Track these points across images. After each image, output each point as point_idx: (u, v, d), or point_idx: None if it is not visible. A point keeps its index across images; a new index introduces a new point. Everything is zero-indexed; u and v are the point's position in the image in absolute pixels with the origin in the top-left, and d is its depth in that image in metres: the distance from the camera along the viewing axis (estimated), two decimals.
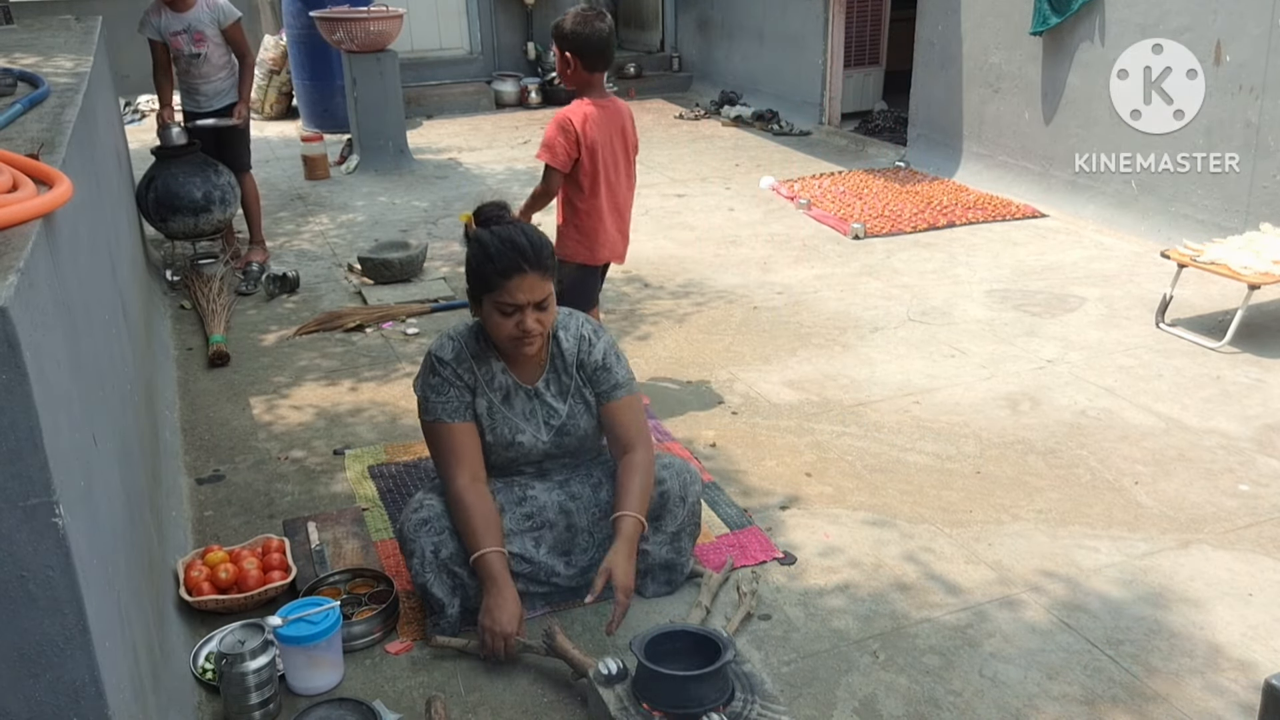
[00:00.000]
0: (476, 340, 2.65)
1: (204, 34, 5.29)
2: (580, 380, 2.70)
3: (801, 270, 5.45)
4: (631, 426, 2.70)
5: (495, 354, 2.65)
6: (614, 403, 2.71)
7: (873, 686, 2.48)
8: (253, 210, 5.76)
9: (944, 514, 3.20)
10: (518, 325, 2.50)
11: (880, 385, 4.09)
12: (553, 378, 2.69)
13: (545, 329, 2.55)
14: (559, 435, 2.71)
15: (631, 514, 2.59)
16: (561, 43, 3.52)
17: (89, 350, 2.10)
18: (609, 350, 2.73)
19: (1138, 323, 4.64)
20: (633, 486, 2.62)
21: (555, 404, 2.69)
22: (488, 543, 2.52)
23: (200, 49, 5.32)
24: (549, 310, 2.54)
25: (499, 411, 2.66)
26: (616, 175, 3.73)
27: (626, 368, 2.77)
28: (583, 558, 2.71)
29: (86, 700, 1.53)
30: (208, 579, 2.75)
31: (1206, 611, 2.73)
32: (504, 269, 2.46)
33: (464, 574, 2.60)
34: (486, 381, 2.64)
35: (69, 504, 1.49)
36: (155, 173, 5.25)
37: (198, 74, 5.39)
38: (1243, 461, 3.47)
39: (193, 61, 5.35)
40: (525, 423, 2.67)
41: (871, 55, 9.04)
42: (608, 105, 3.65)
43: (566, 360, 2.69)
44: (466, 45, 10.66)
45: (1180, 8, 5.46)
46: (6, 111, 2.57)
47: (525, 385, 2.67)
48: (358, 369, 4.36)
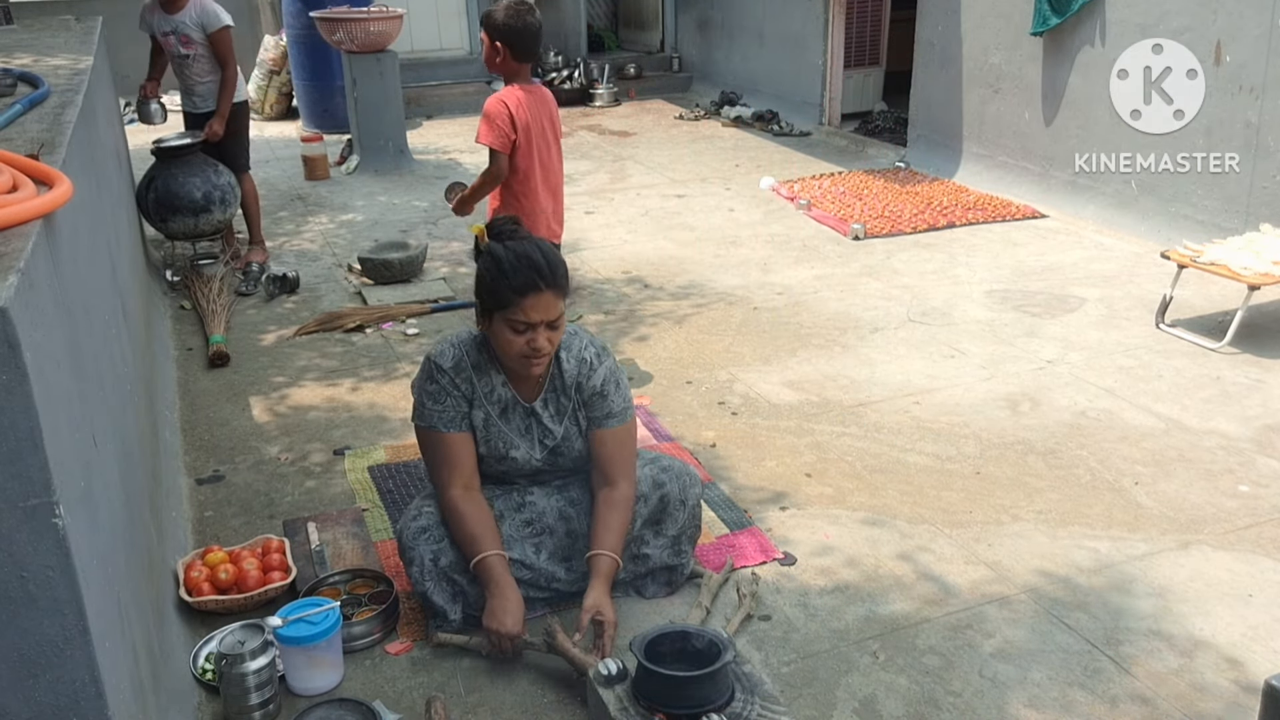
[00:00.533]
0: (479, 350, 2.60)
1: (190, 37, 5.29)
2: (577, 402, 2.65)
3: (801, 271, 5.45)
4: (617, 458, 2.63)
5: (497, 367, 2.60)
6: (604, 430, 2.63)
7: (873, 687, 2.48)
8: (252, 210, 5.75)
9: (944, 514, 3.20)
10: (528, 343, 2.44)
11: (880, 386, 4.09)
12: (551, 398, 2.63)
13: (554, 348, 2.50)
14: (552, 455, 2.67)
15: (608, 554, 2.54)
16: (493, 32, 3.68)
17: (89, 350, 2.10)
18: (609, 377, 2.65)
19: (1138, 323, 4.64)
20: (611, 524, 2.56)
21: (551, 425, 2.64)
22: (486, 546, 2.50)
23: (188, 51, 5.33)
24: (559, 329, 2.49)
25: (495, 425, 2.62)
26: (549, 157, 3.87)
27: (625, 396, 2.69)
28: (583, 564, 2.69)
29: (86, 700, 1.53)
30: (208, 579, 2.75)
31: (1206, 612, 2.73)
32: (519, 286, 2.40)
33: (464, 581, 2.59)
34: (486, 394, 2.59)
35: (69, 504, 1.49)
36: (155, 173, 5.26)
37: (189, 74, 5.42)
38: (1242, 462, 3.47)
39: (182, 62, 5.39)
40: (520, 439, 2.64)
41: (871, 56, 9.04)
42: (535, 91, 3.83)
43: (566, 382, 2.63)
44: (466, 45, 10.65)
45: (1180, 8, 5.46)
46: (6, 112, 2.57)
47: (524, 402, 2.62)
48: (358, 369, 4.36)
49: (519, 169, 3.77)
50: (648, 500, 2.70)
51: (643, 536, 2.73)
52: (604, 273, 5.48)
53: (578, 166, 7.84)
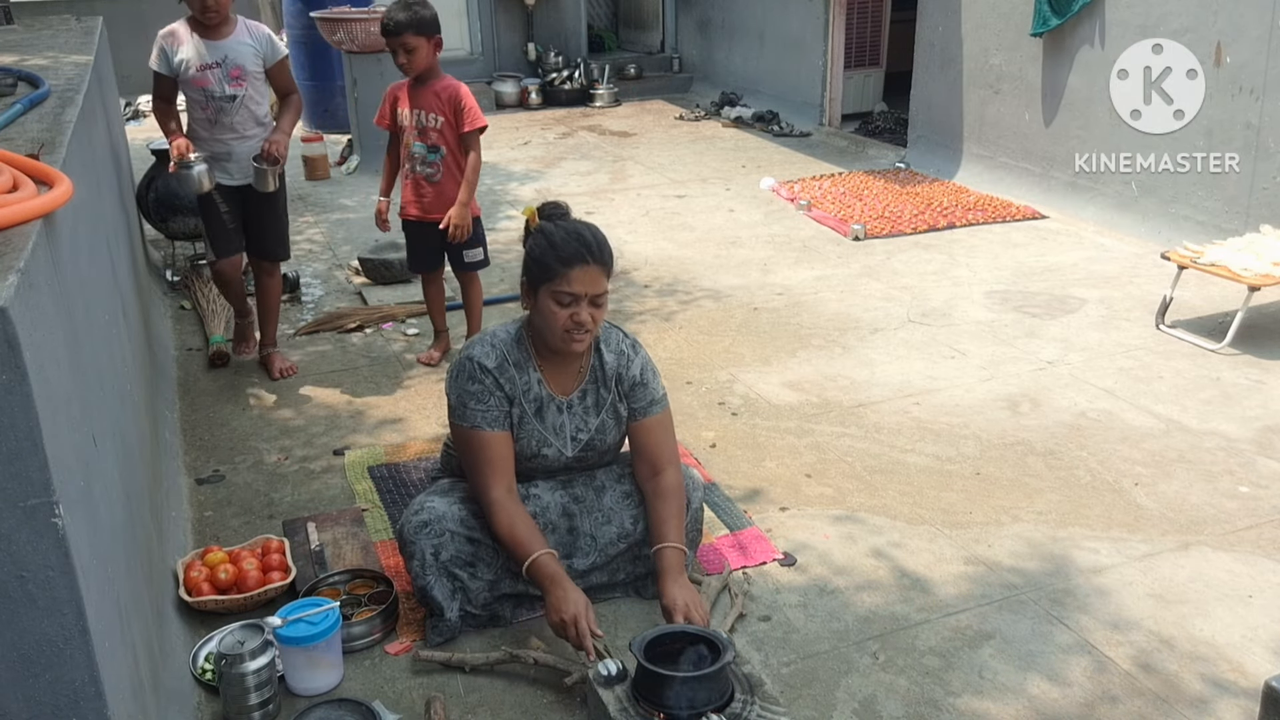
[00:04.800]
0: (518, 347, 2.63)
1: (243, 69, 3.94)
2: (617, 395, 2.68)
3: (801, 271, 5.45)
4: (664, 446, 2.69)
5: (534, 364, 2.62)
6: (648, 419, 2.69)
7: (872, 688, 2.48)
8: (273, 307, 4.35)
9: (944, 515, 3.20)
10: (572, 317, 2.48)
11: (880, 386, 4.09)
12: (590, 389, 2.67)
13: (597, 327, 2.54)
14: (584, 450, 2.69)
15: (673, 545, 2.57)
16: (434, 28, 3.97)
17: (89, 350, 2.10)
18: (647, 365, 2.71)
19: (1138, 324, 4.64)
20: (669, 515, 2.61)
21: (588, 417, 2.67)
22: (537, 546, 2.49)
23: (237, 90, 3.94)
24: (602, 308, 2.53)
25: (530, 423, 2.63)
26: None
27: (661, 384, 2.75)
28: (584, 561, 2.71)
29: (86, 700, 1.53)
30: (207, 579, 2.75)
31: (1206, 613, 2.73)
32: (567, 257, 2.47)
33: (464, 576, 2.60)
34: (524, 391, 2.61)
35: (68, 504, 1.49)
36: (155, 173, 5.26)
37: (227, 125, 3.97)
38: (1243, 463, 3.47)
39: (223, 108, 3.94)
40: (554, 437, 2.66)
41: (872, 57, 9.03)
42: None
43: (606, 374, 2.67)
44: (467, 46, 10.65)
45: (1180, 9, 5.46)
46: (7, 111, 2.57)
47: (558, 398, 2.65)
48: (358, 369, 4.36)
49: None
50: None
51: (645, 538, 2.73)
52: None
53: (578, 166, 7.84)
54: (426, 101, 4.03)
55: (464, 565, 2.59)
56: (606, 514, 2.72)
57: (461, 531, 2.58)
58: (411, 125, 4.08)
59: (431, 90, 4.03)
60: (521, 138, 8.89)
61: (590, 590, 2.66)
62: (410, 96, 4.06)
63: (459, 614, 2.62)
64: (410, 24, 3.89)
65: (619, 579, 2.78)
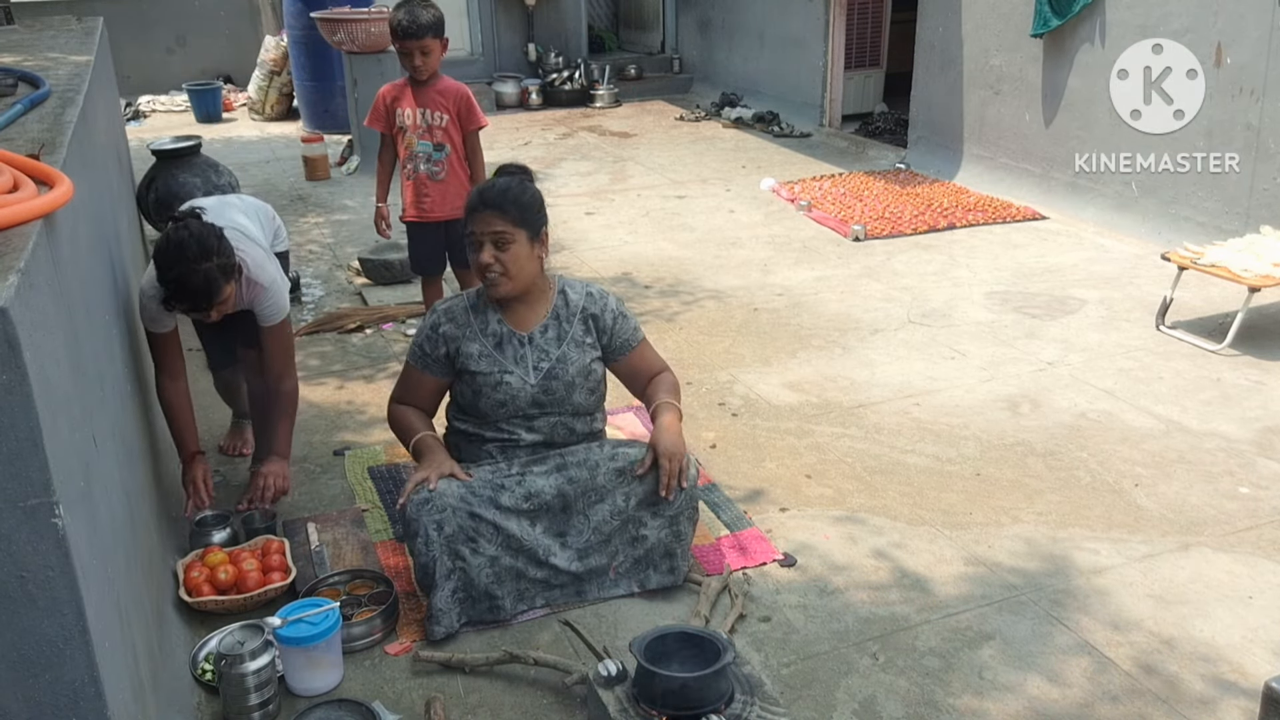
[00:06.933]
0: (479, 295, 2.88)
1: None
2: (583, 330, 2.86)
3: (802, 272, 5.45)
4: (655, 361, 2.98)
5: (494, 308, 2.85)
6: (638, 347, 2.94)
7: (872, 688, 2.48)
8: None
9: (944, 516, 3.20)
10: (481, 259, 2.72)
11: (880, 387, 4.09)
12: (553, 324, 2.86)
13: (506, 271, 2.71)
14: (547, 379, 2.81)
15: (670, 401, 2.84)
16: (441, 29, 3.97)
17: (89, 350, 2.10)
18: (618, 305, 2.94)
19: (1138, 325, 4.64)
20: (664, 385, 2.91)
21: (549, 348, 2.83)
22: (421, 429, 2.84)
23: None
24: (507, 253, 2.70)
25: (490, 355, 2.81)
26: None
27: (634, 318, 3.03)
28: (578, 539, 2.75)
29: (86, 700, 1.53)
30: (207, 580, 2.75)
31: (1206, 614, 2.73)
32: (470, 205, 2.76)
33: (466, 552, 2.64)
34: (480, 329, 2.83)
35: (68, 504, 1.49)
36: (155, 173, 5.25)
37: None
38: (1243, 464, 3.47)
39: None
40: (515, 365, 2.81)
41: (872, 57, 9.03)
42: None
43: (570, 309, 2.87)
44: (467, 46, 10.65)
45: (1180, 9, 5.46)
46: (7, 112, 2.57)
47: (519, 333, 2.83)
48: (358, 370, 4.36)
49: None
50: (644, 479, 2.75)
51: (640, 518, 2.76)
52: (604, 273, 5.47)
53: (578, 167, 7.84)
54: (431, 100, 4.05)
55: (466, 540, 2.64)
56: (599, 492, 2.75)
57: (462, 507, 2.64)
58: (416, 124, 4.07)
59: (434, 89, 4.05)
60: (522, 138, 8.90)
61: (590, 575, 2.77)
62: (414, 96, 4.07)
63: (451, 594, 2.64)
64: (432, 26, 3.92)
65: (619, 563, 2.79)
